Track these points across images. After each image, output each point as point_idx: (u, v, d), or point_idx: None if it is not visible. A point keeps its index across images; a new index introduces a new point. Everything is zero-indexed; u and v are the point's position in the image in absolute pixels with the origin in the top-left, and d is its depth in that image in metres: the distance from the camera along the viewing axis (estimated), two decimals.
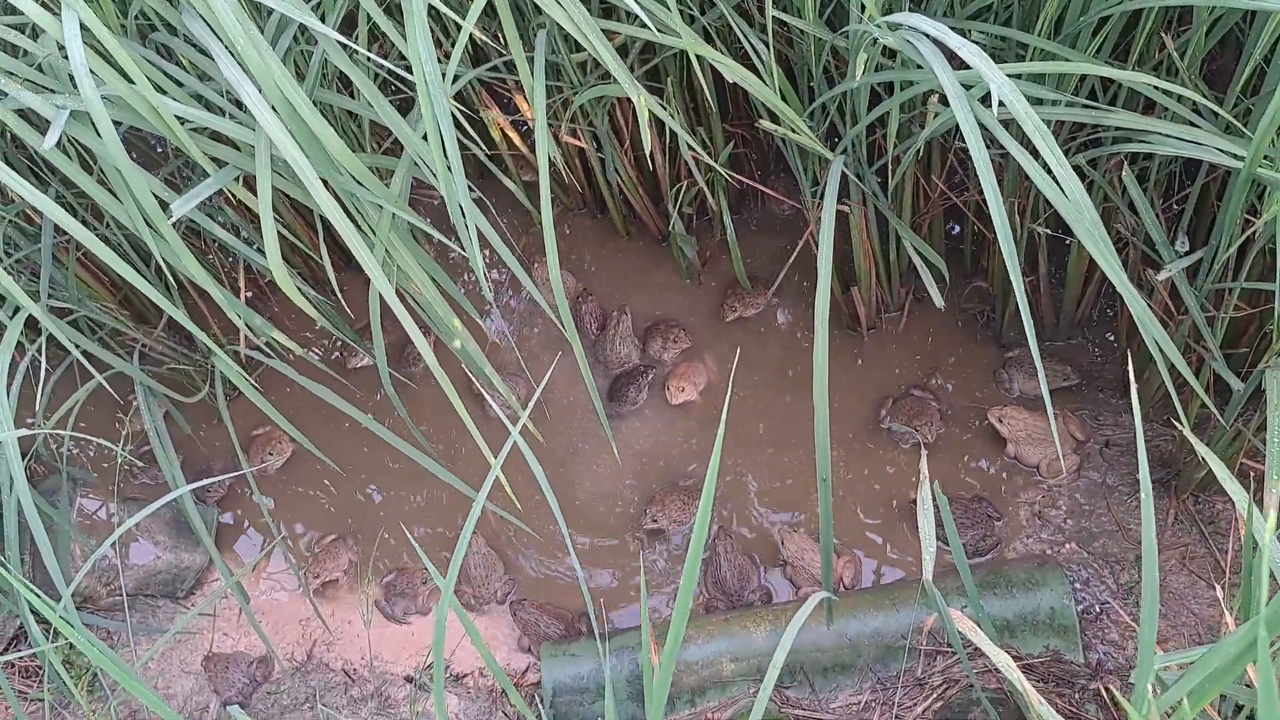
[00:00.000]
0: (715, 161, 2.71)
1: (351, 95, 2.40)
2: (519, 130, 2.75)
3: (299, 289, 2.17)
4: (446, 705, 2.62)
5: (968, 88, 1.76)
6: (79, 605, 2.73)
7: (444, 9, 1.93)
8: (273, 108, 1.87)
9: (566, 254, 3.23)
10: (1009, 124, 1.87)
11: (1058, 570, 2.49)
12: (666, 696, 1.45)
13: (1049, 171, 1.70)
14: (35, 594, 1.44)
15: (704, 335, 3.09)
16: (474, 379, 2.99)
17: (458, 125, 1.97)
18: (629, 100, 2.76)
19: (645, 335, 3.08)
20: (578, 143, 2.70)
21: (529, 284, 2.18)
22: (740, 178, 2.55)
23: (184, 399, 2.81)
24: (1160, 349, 1.75)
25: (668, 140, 2.81)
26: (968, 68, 1.73)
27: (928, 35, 1.76)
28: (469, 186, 2.11)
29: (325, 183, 1.96)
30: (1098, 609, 2.54)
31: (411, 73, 1.82)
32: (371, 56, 1.93)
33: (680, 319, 3.10)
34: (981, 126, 1.75)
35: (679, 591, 1.41)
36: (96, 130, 1.91)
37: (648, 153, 2.11)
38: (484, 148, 2.61)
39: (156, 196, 2.05)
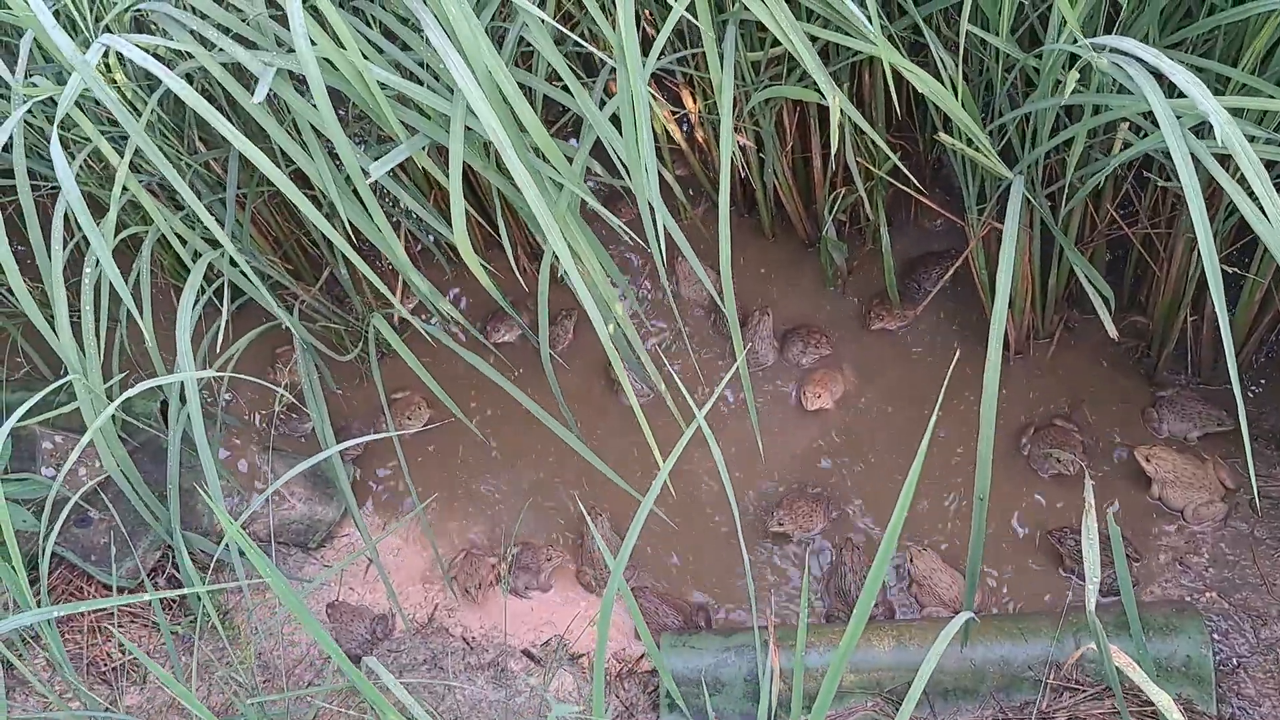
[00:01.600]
0: (879, 170, 2.70)
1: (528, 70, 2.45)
2: (679, 124, 2.78)
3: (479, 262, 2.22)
4: (560, 683, 2.66)
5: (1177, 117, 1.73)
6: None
7: None
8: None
9: (709, 250, 3.24)
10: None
11: (1198, 618, 2.42)
12: (830, 701, 1.46)
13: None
14: (232, 524, 1.49)
15: (843, 344, 3.08)
16: (615, 365, 3.03)
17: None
18: (795, 102, 2.78)
19: (784, 338, 3.08)
20: (742, 139, 2.72)
21: (702, 274, 2.20)
22: (905, 187, 2.54)
23: (337, 357, 2.89)
24: None
25: (833, 146, 2.81)
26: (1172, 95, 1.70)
27: (1139, 60, 1.73)
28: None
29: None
30: (1235, 662, 2.47)
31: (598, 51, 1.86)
32: (576, 39, 1.97)
33: (820, 326, 3.09)
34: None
35: (859, 602, 1.42)
36: (309, 90, 1.98)
37: (833, 153, 2.11)
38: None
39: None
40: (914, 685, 1.62)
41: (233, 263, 2.65)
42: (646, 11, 2.59)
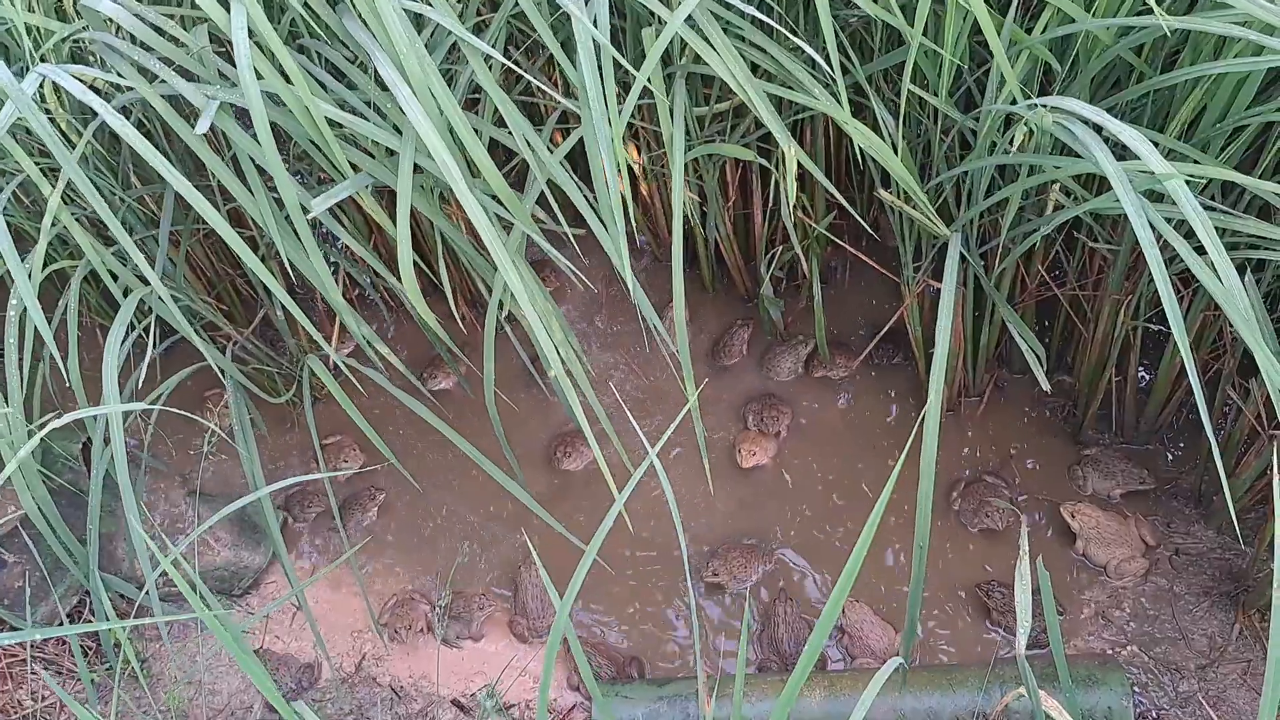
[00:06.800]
0: (818, 225, 2.76)
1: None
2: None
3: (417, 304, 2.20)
4: None
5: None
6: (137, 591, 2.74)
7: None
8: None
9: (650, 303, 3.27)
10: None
11: (1119, 671, 2.47)
12: None
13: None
14: (164, 559, 1.45)
15: (779, 398, 3.11)
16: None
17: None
18: (736, 160, 2.83)
19: (745, 404, 3.10)
20: (686, 193, 2.75)
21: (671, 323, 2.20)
22: (844, 244, 2.59)
23: (269, 399, 2.84)
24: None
25: (767, 202, 2.86)
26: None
27: (1086, 121, 1.79)
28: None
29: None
30: (1154, 714, 2.52)
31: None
32: (544, 86, 1.99)
33: (785, 398, 3.11)
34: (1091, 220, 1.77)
35: (804, 652, 1.43)
36: (244, 124, 1.97)
37: (791, 203, 2.14)
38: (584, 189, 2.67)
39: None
40: None
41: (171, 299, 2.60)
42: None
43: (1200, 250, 1.77)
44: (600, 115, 1.80)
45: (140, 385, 2.63)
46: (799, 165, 2.57)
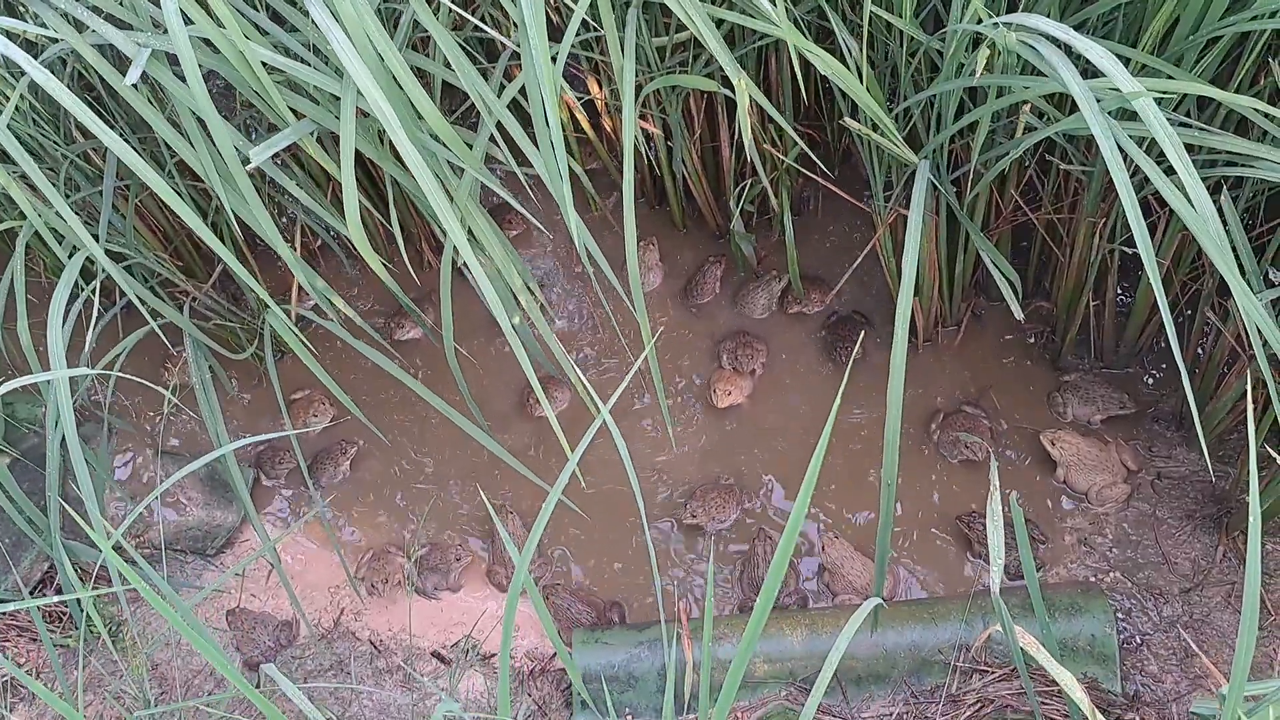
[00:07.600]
0: (786, 158, 2.68)
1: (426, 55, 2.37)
2: (585, 113, 2.72)
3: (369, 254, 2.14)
4: (473, 684, 2.59)
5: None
6: None
7: None
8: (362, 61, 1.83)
9: (619, 242, 3.20)
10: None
11: (1102, 598, 2.45)
12: (735, 691, 1.42)
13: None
14: (96, 533, 1.40)
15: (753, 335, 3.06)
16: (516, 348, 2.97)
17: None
18: (702, 90, 2.74)
19: (719, 342, 3.04)
20: (649, 126, 2.67)
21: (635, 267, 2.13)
22: (814, 175, 2.52)
23: (231, 355, 2.78)
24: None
25: (735, 135, 2.78)
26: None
27: (1051, 39, 1.72)
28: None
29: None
30: (1138, 640, 2.51)
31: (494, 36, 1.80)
32: (471, 18, 1.90)
33: (760, 335, 3.06)
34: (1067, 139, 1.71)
35: (762, 590, 1.38)
36: (183, 73, 1.88)
37: (748, 140, 2.06)
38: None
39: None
40: (823, 672, 1.58)
41: (114, 258, 2.53)
42: None
43: (1173, 171, 1.72)
44: (539, 48, 1.71)
45: (95, 346, 2.57)
46: (768, 97, 2.50)
